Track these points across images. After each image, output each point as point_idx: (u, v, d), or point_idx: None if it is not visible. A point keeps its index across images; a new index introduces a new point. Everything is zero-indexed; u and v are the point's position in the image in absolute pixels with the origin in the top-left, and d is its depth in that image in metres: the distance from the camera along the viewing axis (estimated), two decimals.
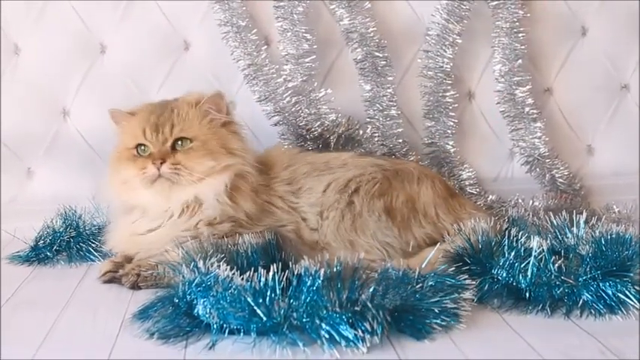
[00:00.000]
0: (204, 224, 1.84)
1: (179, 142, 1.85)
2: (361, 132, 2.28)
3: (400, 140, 2.31)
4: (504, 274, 1.68)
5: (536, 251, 1.66)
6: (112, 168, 1.94)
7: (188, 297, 1.53)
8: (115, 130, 1.96)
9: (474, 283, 1.63)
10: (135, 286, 1.79)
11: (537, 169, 2.39)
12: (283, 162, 1.98)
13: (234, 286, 1.49)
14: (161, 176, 1.82)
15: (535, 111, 2.36)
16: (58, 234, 2.07)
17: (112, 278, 1.85)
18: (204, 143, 1.85)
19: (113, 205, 1.98)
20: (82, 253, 2.05)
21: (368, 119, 2.30)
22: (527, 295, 1.63)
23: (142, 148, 1.86)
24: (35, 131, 2.37)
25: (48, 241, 2.06)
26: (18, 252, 2.06)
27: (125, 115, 1.93)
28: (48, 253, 2.04)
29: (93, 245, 2.06)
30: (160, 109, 1.89)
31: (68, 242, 2.06)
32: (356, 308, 1.43)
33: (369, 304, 1.44)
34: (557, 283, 1.63)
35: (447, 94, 2.34)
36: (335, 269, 1.48)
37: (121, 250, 1.92)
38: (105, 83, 2.37)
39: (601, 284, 1.62)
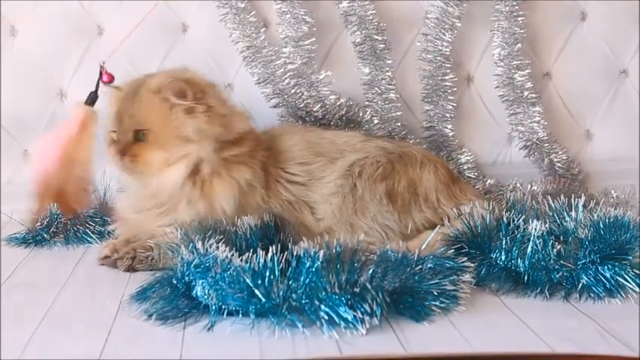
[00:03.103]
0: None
1: (140, 133, 1.80)
2: (361, 114, 2.27)
3: (399, 124, 2.30)
4: (503, 258, 1.68)
5: (534, 235, 1.66)
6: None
7: (186, 278, 1.53)
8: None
9: (473, 265, 1.63)
10: (130, 269, 1.78)
11: (536, 154, 2.39)
12: (294, 157, 1.93)
13: (232, 268, 1.48)
14: (125, 168, 1.82)
15: (534, 95, 2.36)
16: (56, 216, 2.06)
17: (111, 263, 1.83)
18: (158, 135, 1.79)
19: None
20: (79, 235, 2.04)
21: (367, 102, 2.29)
22: (526, 278, 1.63)
23: (114, 134, 1.84)
24: (32, 113, 2.36)
25: (45, 223, 2.05)
26: (15, 234, 2.06)
27: (114, 92, 1.90)
28: (45, 235, 2.03)
29: (90, 227, 2.05)
30: (130, 93, 1.83)
31: (65, 224, 2.05)
32: (355, 290, 1.43)
33: (369, 286, 1.44)
34: (556, 266, 1.63)
35: (446, 77, 2.33)
36: (334, 251, 1.48)
37: (121, 227, 1.92)
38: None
39: (600, 268, 1.62)
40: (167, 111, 1.79)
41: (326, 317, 1.40)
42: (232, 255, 1.53)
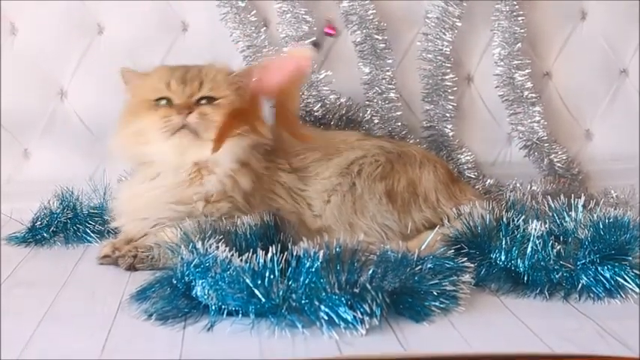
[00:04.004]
0: (200, 198, 1.82)
1: (204, 101, 1.82)
2: (361, 114, 2.28)
3: (399, 123, 2.30)
4: (503, 258, 1.68)
5: (534, 235, 1.66)
6: (123, 121, 1.89)
7: (186, 278, 1.53)
8: (124, 89, 1.94)
9: (472, 265, 1.63)
10: (131, 268, 1.78)
11: (536, 154, 2.39)
12: (294, 147, 1.94)
13: (232, 268, 1.48)
14: (185, 127, 1.79)
15: (534, 95, 2.36)
16: (55, 215, 2.06)
17: (111, 262, 1.83)
18: (232, 103, 1.82)
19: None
20: (79, 234, 2.04)
21: (367, 102, 2.30)
22: (526, 278, 1.63)
23: (164, 101, 1.83)
24: (32, 112, 2.36)
25: (45, 222, 2.05)
26: (15, 233, 2.06)
27: (139, 75, 1.91)
28: (45, 235, 2.03)
29: (90, 226, 2.05)
30: (185, 68, 1.88)
31: (65, 223, 2.05)
32: (355, 290, 1.43)
33: (368, 286, 1.44)
34: (556, 267, 1.63)
35: (446, 77, 2.33)
36: (334, 251, 1.48)
37: (125, 222, 1.91)
38: (102, 64, 2.35)
39: (599, 268, 1.62)
40: (237, 90, 1.86)
41: (326, 317, 1.40)
42: (232, 255, 1.53)
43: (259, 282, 1.45)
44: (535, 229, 1.67)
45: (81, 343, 1.40)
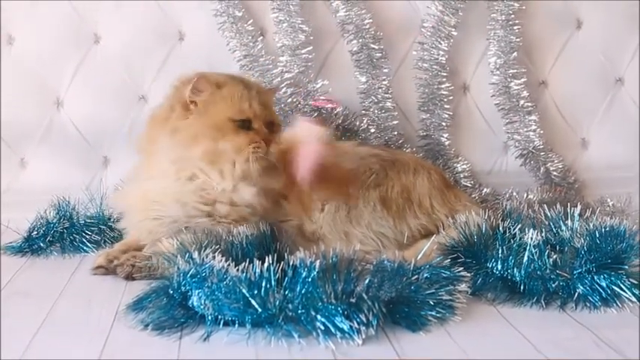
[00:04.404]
0: (226, 202, 1.82)
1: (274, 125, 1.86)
2: (357, 123, 2.28)
3: (395, 132, 2.31)
4: (499, 267, 1.68)
5: (530, 244, 1.66)
6: (207, 133, 1.81)
7: (183, 288, 1.53)
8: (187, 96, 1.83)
9: (469, 275, 1.64)
10: (129, 277, 1.78)
11: (532, 162, 2.39)
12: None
13: (229, 278, 1.48)
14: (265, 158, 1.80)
15: (530, 104, 2.36)
16: (52, 225, 2.06)
17: (105, 273, 1.83)
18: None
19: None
20: (75, 244, 2.04)
21: (363, 111, 2.30)
22: (522, 288, 1.64)
23: (244, 124, 1.82)
24: (29, 121, 2.36)
25: (41, 232, 2.05)
26: (11, 243, 2.05)
27: (213, 86, 1.83)
28: (41, 244, 2.03)
29: (86, 236, 2.05)
30: (256, 85, 1.89)
31: (62, 233, 2.05)
32: (351, 300, 1.43)
33: (365, 296, 1.44)
34: (552, 276, 1.63)
35: (442, 86, 2.34)
36: (330, 261, 1.48)
37: (132, 224, 1.90)
38: (99, 73, 2.36)
39: (596, 277, 1.62)
40: None
41: (322, 327, 1.40)
42: (228, 265, 1.53)
43: (256, 292, 1.45)
44: (531, 238, 1.68)
45: (77, 352, 1.40)
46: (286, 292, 1.46)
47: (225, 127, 1.81)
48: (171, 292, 1.54)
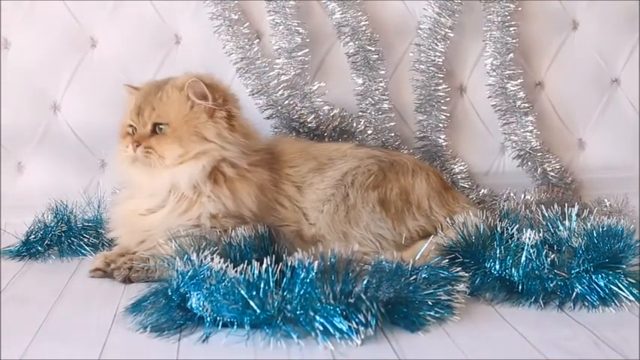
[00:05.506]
0: (206, 217, 1.83)
1: (160, 127, 1.85)
2: (355, 124, 2.28)
3: (392, 134, 2.31)
4: (497, 267, 1.68)
5: (528, 244, 1.66)
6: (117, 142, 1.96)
7: (181, 290, 1.53)
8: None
9: (467, 275, 1.64)
10: (127, 280, 1.78)
11: (529, 163, 2.39)
12: (292, 159, 1.97)
13: (227, 279, 1.49)
14: (137, 159, 1.84)
15: (526, 105, 2.36)
16: (50, 228, 2.06)
17: (102, 275, 1.83)
18: (176, 130, 1.84)
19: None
20: (73, 247, 2.04)
21: (360, 113, 2.30)
22: (520, 287, 1.64)
23: (132, 128, 1.89)
24: (26, 126, 2.36)
25: (39, 235, 2.05)
26: (9, 247, 2.05)
27: (131, 90, 1.97)
28: (39, 248, 2.03)
29: (84, 240, 2.06)
30: (153, 89, 1.91)
31: (59, 237, 2.05)
32: (350, 300, 1.43)
33: (363, 297, 1.44)
34: (550, 275, 1.64)
35: (439, 87, 2.34)
36: (329, 262, 1.48)
37: (122, 233, 1.91)
38: (95, 77, 2.35)
39: (593, 276, 1.62)
40: (188, 108, 1.86)
41: (321, 328, 1.41)
42: (227, 266, 1.53)
43: (254, 293, 1.46)
44: (529, 238, 1.68)
45: (76, 355, 1.40)
46: (285, 293, 1.46)
47: (121, 132, 1.93)
48: (170, 293, 1.55)
